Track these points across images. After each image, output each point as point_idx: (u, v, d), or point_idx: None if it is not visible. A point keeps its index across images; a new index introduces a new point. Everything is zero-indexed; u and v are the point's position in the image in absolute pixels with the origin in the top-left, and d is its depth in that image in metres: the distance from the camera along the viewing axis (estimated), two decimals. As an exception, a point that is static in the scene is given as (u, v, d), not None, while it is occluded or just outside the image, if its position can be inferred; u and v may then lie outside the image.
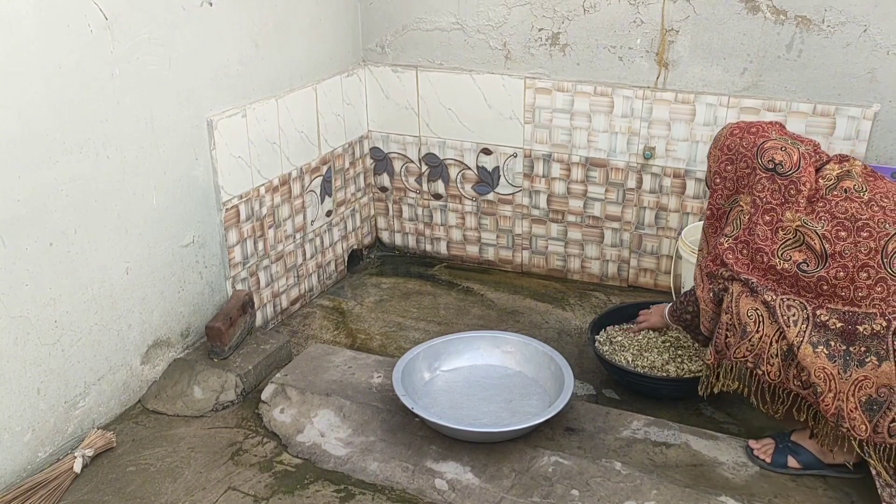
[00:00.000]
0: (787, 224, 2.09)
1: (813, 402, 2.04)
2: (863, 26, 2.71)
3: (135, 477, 2.29)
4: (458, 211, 3.57)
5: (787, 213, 2.09)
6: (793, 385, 2.06)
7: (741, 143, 2.23)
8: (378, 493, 2.23)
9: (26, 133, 2.11)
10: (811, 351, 2.00)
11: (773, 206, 2.12)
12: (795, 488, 2.15)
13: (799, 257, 2.06)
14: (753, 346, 2.09)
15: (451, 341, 2.68)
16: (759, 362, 2.09)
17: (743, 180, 2.21)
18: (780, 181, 2.12)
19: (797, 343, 2.01)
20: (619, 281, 3.41)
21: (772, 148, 2.15)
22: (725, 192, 2.28)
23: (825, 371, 1.99)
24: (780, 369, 2.07)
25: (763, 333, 2.07)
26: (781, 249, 2.08)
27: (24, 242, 2.16)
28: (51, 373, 2.30)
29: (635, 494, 2.15)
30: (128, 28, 2.33)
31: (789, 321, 2.03)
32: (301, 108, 3.09)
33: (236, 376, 2.61)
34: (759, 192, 2.15)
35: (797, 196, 2.09)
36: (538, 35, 3.14)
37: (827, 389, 1.99)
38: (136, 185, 2.46)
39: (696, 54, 2.95)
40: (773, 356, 2.07)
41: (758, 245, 2.11)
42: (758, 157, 2.16)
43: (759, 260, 2.11)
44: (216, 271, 2.82)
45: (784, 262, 2.07)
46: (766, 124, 2.26)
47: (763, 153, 2.15)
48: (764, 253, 2.10)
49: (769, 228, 2.12)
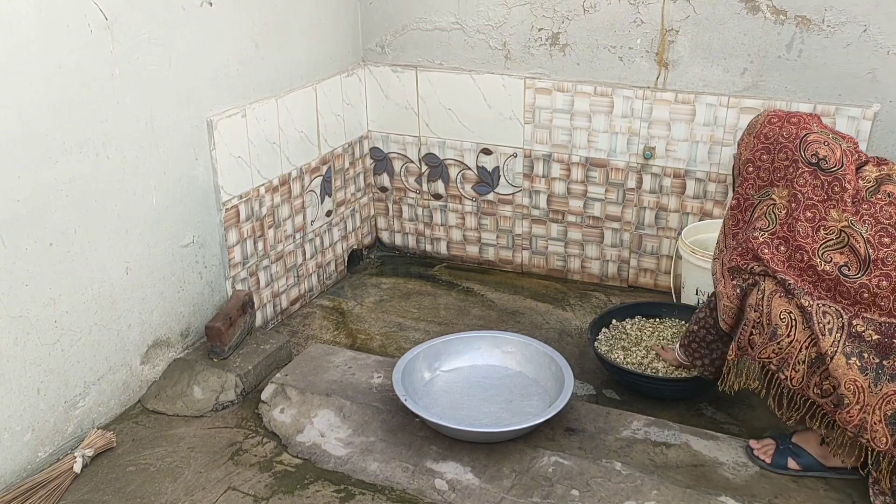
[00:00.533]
0: (832, 224, 2.01)
1: (829, 411, 1.99)
2: (863, 26, 2.71)
3: (135, 477, 2.29)
4: (458, 211, 3.56)
5: (831, 211, 2.01)
6: (812, 393, 2.00)
7: (781, 133, 2.12)
8: (378, 494, 2.22)
9: (26, 133, 2.11)
10: (844, 362, 1.93)
11: (814, 202, 2.03)
12: (796, 489, 2.15)
13: (840, 259, 1.98)
14: (781, 349, 2.01)
15: (452, 341, 2.68)
16: (784, 366, 2.02)
17: (780, 172, 2.11)
18: (822, 177, 2.03)
19: (831, 353, 1.94)
20: (619, 281, 3.41)
21: (815, 141, 2.06)
22: (758, 183, 2.16)
23: (855, 383, 1.92)
24: (805, 376, 2.00)
25: (794, 338, 1.99)
26: (822, 249, 2.00)
27: (24, 242, 2.16)
28: (51, 373, 2.29)
29: (636, 495, 2.14)
30: (128, 28, 2.33)
31: (825, 329, 1.95)
32: (301, 108, 3.09)
33: (236, 376, 2.61)
34: (800, 187, 2.05)
35: (842, 194, 2.01)
36: (538, 35, 3.14)
37: (854, 402, 1.93)
38: (136, 185, 2.46)
39: (696, 54, 2.95)
40: (800, 362, 1.99)
41: (798, 242, 2.02)
42: (800, 150, 2.06)
43: (797, 258, 2.02)
44: (216, 271, 2.82)
45: (825, 264, 1.98)
46: (806, 115, 2.16)
47: (806, 146, 2.06)
48: (804, 251, 2.01)
49: (811, 226, 2.02)
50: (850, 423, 1.95)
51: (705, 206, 3.14)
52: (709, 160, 3.06)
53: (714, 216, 3.12)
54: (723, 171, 3.05)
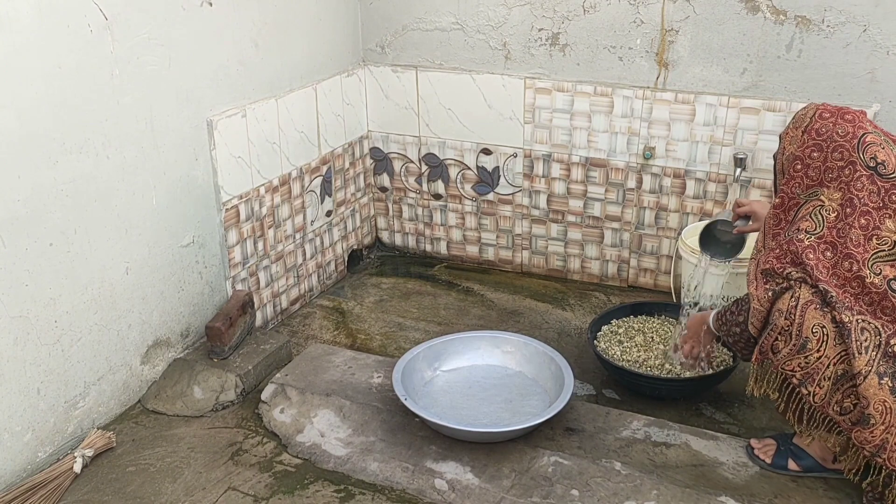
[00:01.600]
0: (886, 234, 1.91)
1: (846, 429, 1.93)
2: (863, 26, 2.71)
3: (135, 477, 2.29)
4: (458, 211, 3.56)
5: (887, 221, 1.91)
6: (831, 410, 1.93)
7: (835, 130, 1.98)
8: (378, 493, 2.22)
9: (26, 133, 2.11)
10: (876, 382, 1.85)
11: (869, 209, 1.92)
12: (796, 489, 2.15)
13: (891, 273, 1.89)
14: (808, 364, 1.92)
15: (451, 341, 2.68)
16: (808, 381, 1.93)
17: (832, 172, 1.97)
18: (880, 183, 1.92)
19: (864, 372, 1.85)
20: (619, 281, 3.41)
21: (873, 143, 1.94)
22: (806, 182, 2.02)
23: (884, 404, 1.85)
24: (828, 393, 1.92)
25: (823, 354, 1.90)
26: (873, 260, 1.90)
27: (24, 242, 2.16)
28: (51, 373, 2.30)
29: (635, 494, 2.15)
30: (128, 28, 2.33)
31: (861, 347, 1.86)
32: (301, 108, 3.09)
33: (236, 376, 2.61)
34: (857, 191, 1.93)
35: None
36: (538, 35, 3.14)
37: (880, 422, 1.87)
38: (136, 185, 2.46)
39: (696, 54, 2.95)
40: (826, 378, 1.91)
41: (848, 250, 1.91)
42: (859, 151, 1.93)
43: (844, 267, 1.92)
44: (216, 271, 2.82)
45: (874, 276, 1.89)
46: (858, 113, 2.02)
47: (865, 148, 1.93)
48: (854, 260, 1.91)
49: (863, 234, 1.91)
50: (870, 443, 1.89)
51: (705, 206, 3.14)
52: (709, 160, 3.06)
53: (714, 216, 3.12)
54: (723, 172, 3.05)
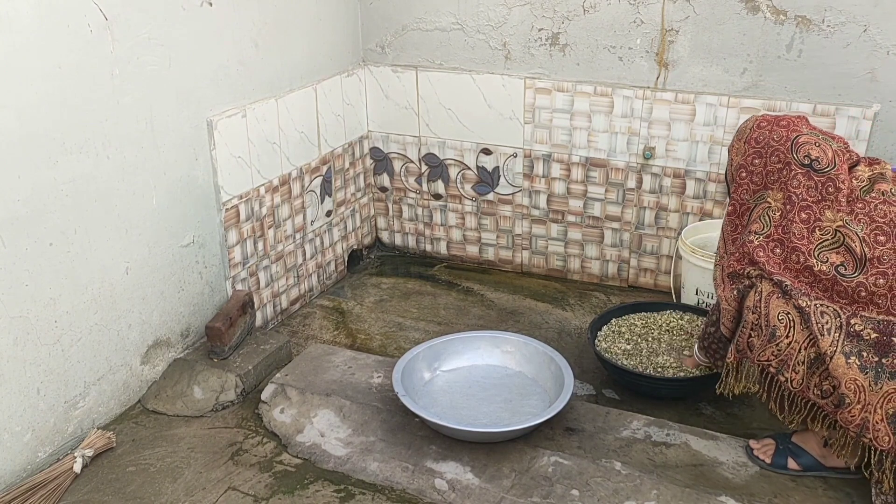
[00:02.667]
0: (827, 224, 2.01)
1: (830, 412, 1.99)
2: (863, 26, 2.71)
3: (135, 477, 2.29)
4: (458, 211, 3.57)
5: (826, 212, 2.02)
6: (812, 394, 2.00)
7: (771, 136, 2.13)
8: (378, 493, 2.23)
9: (26, 133, 2.11)
10: (843, 361, 1.93)
11: (808, 203, 2.04)
12: (795, 488, 2.15)
13: (836, 259, 1.98)
14: (780, 351, 2.01)
15: (451, 341, 2.68)
16: (784, 368, 2.01)
17: (773, 175, 2.11)
18: (816, 178, 2.04)
19: (830, 352, 1.94)
20: (619, 281, 3.41)
21: (806, 143, 2.07)
22: (752, 188, 2.17)
23: (856, 382, 1.92)
24: (804, 377, 2.00)
25: (793, 339, 1.99)
26: (818, 250, 2.00)
27: (24, 242, 2.16)
28: (51, 373, 2.30)
29: (635, 494, 2.15)
30: (128, 28, 2.33)
31: (823, 329, 1.95)
32: (301, 108, 3.09)
33: (236, 376, 2.61)
34: (794, 188, 2.05)
35: (836, 194, 2.01)
36: (538, 35, 3.14)
37: (856, 401, 1.92)
38: (136, 185, 2.46)
39: (696, 54, 2.95)
40: (800, 363, 1.99)
41: (794, 244, 2.03)
42: (792, 152, 2.07)
43: (793, 260, 2.03)
44: (216, 271, 2.82)
45: (821, 264, 1.99)
46: (794, 118, 2.17)
47: (798, 148, 2.07)
48: (800, 252, 2.02)
49: (806, 227, 2.03)
50: (851, 423, 1.95)
51: (705, 206, 3.14)
52: (709, 160, 3.06)
53: (714, 216, 3.12)
54: (722, 171, 3.05)
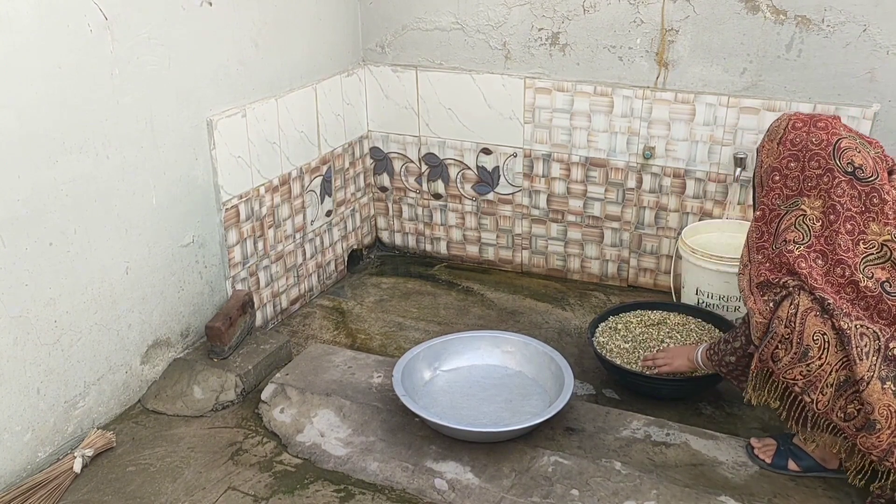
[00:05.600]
0: (872, 237, 1.92)
1: (851, 435, 1.93)
2: (862, 26, 2.71)
3: (135, 477, 2.29)
4: (458, 211, 3.57)
5: (871, 224, 1.93)
6: (835, 417, 1.93)
7: (809, 139, 2.00)
8: (378, 493, 2.23)
9: (26, 133, 2.11)
10: (879, 387, 1.85)
11: (853, 213, 1.94)
12: (795, 488, 2.15)
13: (882, 276, 1.90)
14: (810, 371, 1.92)
15: (451, 341, 2.68)
16: (810, 389, 1.94)
17: (811, 181, 1.99)
18: (859, 187, 1.94)
19: (867, 378, 1.85)
20: (618, 281, 3.41)
21: (849, 148, 1.96)
22: (786, 193, 2.04)
23: (889, 408, 1.85)
24: (831, 399, 1.92)
25: (825, 361, 1.90)
26: (864, 264, 1.91)
27: (24, 242, 2.16)
28: (51, 373, 2.30)
29: (635, 494, 2.15)
30: (128, 28, 2.33)
31: (862, 353, 1.86)
32: (301, 108, 3.09)
33: (236, 376, 2.61)
34: (838, 197, 1.94)
35: (881, 206, 1.92)
36: (538, 35, 3.14)
37: (887, 426, 1.86)
38: (136, 185, 2.46)
39: (695, 54, 2.95)
40: (828, 385, 1.91)
41: (839, 256, 1.93)
42: (835, 157, 1.95)
43: (837, 273, 1.93)
44: (216, 271, 2.82)
45: (867, 280, 1.90)
46: (831, 119, 2.05)
47: (841, 153, 1.95)
48: (846, 266, 1.92)
49: (851, 239, 1.93)
50: (877, 448, 1.89)
51: (705, 205, 3.14)
52: (708, 160, 3.06)
53: (714, 216, 3.12)
54: (722, 171, 3.05)
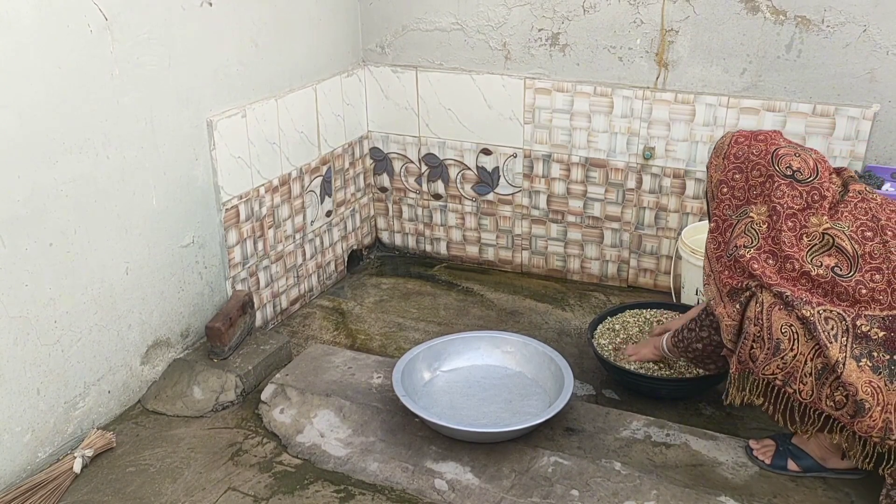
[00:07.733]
0: (813, 229, 2.01)
1: (847, 422, 1.95)
2: (862, 26, 2.72)
3: (134, 477, 2.29)
4: (458, 211, 3.57)
5: (811, 218, 2.02)
6: (825, 405, 1.96)
7: (750, 151, 2.14)
8: (378, 494, 2.23)
9: (26, 133, 2.11)
10: (855, 366, 1.89)
11: (794, 211, 2.03)
12: (795, 488, 2.16)
13: (830, 262, 1.97)
14: (786, 364, 1.97)
15: (451, 342, 2.68)
16: (790, 380, 1.98)
17: (755, 189, 2.12)
18: (800, 188, 2.04)
19: (840, 359, 1.90)
20: (618, 281, 3.41)
21: (786, 154, 2.08)
22: (734, 203, 2.16)
23: (871, 385, 1.88)
24: (813, 388, 1.96)
25: (798, 351, 1.96)
26: (810, 255, 2.00)
27: (24, 242, 2.16)
28: (50, 373, 2.30)
29: (635, 494, 2.15)
30: (128, 28, 2.33)
31: (830, 336, 1.92)
32: (301, 109, 3.09)
33: (236, 376, 2.61)
34: (778, 199, 2.05)
35: (821, 202, 2.02)
36: (538, 35, 3.15)
37: (875, 403, 1.88)
38: (136, 186, 2.46)
39: (695, 54, 2.95)
40: (807, 374, 1.96)
41: (786, 252, 2.01)
42: (774, 164, 2.08)
43: (788, 268, 2.00)
44: (216, 271, 2.82)
45: (817, 268, 1.97)
46: (771, 132, 2.19)
47: (779, 160, 2.08)
48: (794, 260, 2.00)
49: (793, 234, 2.02)
50: (874, 430, 1.90)
51: (705, 206, 3.13)
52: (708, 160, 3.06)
53: (714, 216, 3.12)
54: (722, 172, 3.05)
